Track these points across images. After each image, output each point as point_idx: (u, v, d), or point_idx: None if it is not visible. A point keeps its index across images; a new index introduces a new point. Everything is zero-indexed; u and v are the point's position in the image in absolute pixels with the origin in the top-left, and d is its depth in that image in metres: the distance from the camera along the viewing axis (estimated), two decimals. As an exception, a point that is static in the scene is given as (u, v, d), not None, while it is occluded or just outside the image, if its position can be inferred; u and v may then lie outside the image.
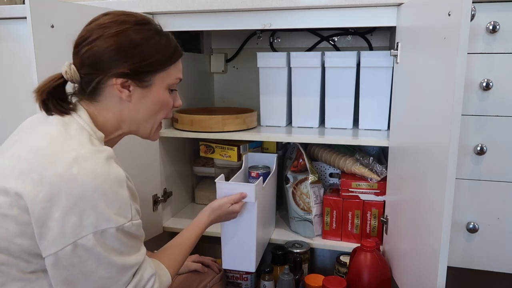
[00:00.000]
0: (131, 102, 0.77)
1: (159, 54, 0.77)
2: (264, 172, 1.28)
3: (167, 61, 0.79)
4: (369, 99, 1.29)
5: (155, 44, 0.77)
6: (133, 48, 0.74)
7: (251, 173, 1.29)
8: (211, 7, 1.16)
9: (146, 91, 0.78)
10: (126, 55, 0.74)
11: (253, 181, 1.26)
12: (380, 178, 1.21)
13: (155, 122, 0.83)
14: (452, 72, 0.73)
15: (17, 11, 1.17)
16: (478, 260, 1.07)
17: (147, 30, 0.77)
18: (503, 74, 0.98)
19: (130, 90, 0.76)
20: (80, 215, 0.63)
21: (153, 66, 0.77)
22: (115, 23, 0.74)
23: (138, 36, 0.75)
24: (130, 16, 0.77)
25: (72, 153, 0.65)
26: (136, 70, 0.75)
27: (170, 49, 0.80)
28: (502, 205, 1.03)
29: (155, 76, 0.78)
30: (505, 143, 1.01)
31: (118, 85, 0.75)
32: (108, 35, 0.73)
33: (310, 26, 1.13)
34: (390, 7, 1.08)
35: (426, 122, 0.87)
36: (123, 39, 0.74)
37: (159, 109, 0.82)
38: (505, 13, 0.96)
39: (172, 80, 0.81)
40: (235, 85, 1.73)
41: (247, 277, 1.31)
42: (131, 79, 0.75)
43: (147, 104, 0.79)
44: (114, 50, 0.73)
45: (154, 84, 0.78)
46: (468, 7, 0.69)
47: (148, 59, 0.76)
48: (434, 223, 0.80)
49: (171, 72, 0.80)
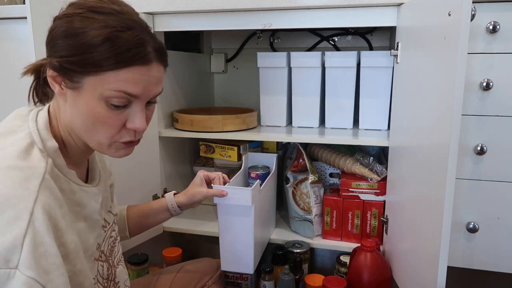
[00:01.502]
0: (67, 102, 0.64)
1: (88, 53, 0.59)
2: (264, 172, 1.28)
3: (100, 65, 0.59)
4: (369, 99, 1.29)
5: (94, 38, 0.59)
6: (67, 37, 0.60)
7: (250, 173, 1.29)
8: (211, 7, 1.16)
9: (76, 94, 0.62)
10: (55, 45, 0.62)
11: (252, 182, 1.26)
12: (380, 178, 1.21)
13: (97, 137, 0.65)
14: (452, 72, 0.73)
15: (17, 11, 1.17)
16: (478, 260, 1.07)
17: (98, 20, 0.60)
18: (503, 74, 0.98)
19: (62, 88, 0.64)
20: None
21: (82, 66, 0.60)
22: (73, 6, 0.63)
23: (79, 25, 0.60)
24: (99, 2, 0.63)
25: None
26: (63, 65, 0.61)
27: (111, 50, 0.59)
28: (502, 205, 1.03)
29: (84, 79, 0.61)
30: (505, 143, 1.01)
31: (49, 77, 0.64)
32: (58, 17, 0.63)
33: (310, 26, 1.13)
34: (390, 7, 1.08)
35: (426, 122, 0.87)
36: (63, 25, 0.61)
37: (94, 122, 0.63)
38: (505, 13, 0.96)
39: (108, 92, 0.61)
40: (235, 85, 1.73)
41: (247, 277, 1.31)
42: (60, 74, 0.62)
43: (79, 111, 0.63)
44: (49, 36, 0.63)
45: (84, 88, 0.61)
46: (468, 7, 0.69)
47: (76, 56, 0.60)
48: (434, 223, 0.80)
49: (107, 80, 0.60)
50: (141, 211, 1.02)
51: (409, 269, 0.98)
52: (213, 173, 1.05)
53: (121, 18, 0.61)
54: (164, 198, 1.02)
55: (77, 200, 0.68)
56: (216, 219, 1.11)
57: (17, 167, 0.58)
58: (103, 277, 0.76)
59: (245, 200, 1.02)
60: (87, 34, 0.59)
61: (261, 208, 1.13)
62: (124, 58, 0.60)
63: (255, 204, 1.04)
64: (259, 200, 1.10)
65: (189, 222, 1.40)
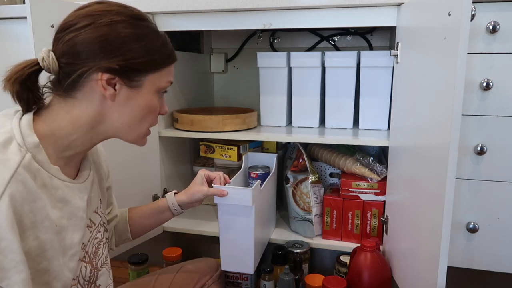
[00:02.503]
0: (115, 102, 0.69)
1: (155, 54, 0.70)
2: (264, 172, 1.27)
3: (162, 63, 0.72)
4: (369, 99, 1.29)
5: (151, 42, 0.70)
6: (127, 42, 0.67)
7: (250, 173, 1.28)
8: (211, 7, 1.16)
9: (134, 92, 0.70)
10: (117, 49, 0.66)
11: (252, 182, 1.25)
12: (380, 178, 1.21)
13: (140, 128, 0.75)
14: (452, 72, 0.73)
15: (17, 11, 1.17)
16: (478, 260, 1.07)
17: (144, 26, 0.70)
18: (503, 74, 0.98)
19: (116, 89, 0.68)
20: None
21: (147, 66, 0.70)
22: (109, 13, 0.67)
23: (135, 31, 0.68)
24: (126, 8, 0.70)
25: None
26: (126, 67, 0.67)
27: (166, 50, 0.73)
28: (502, 205, 1.03)
29: (146, 77, 0.70)
30: (505, 143, 1.01)
31: (103, 80, 0.66)
32: (100, 24, 0.66)
33: (310, 26, 1.13)
34: (390, 7, 1.08)
35: (426, 122, 0.87)
36: (117, 31, 0.66)
37: (146, 114, 0.73)
38: (505, 13, 0.96)
39: (164, 84, 0.74)
40: (235, 85, 1.73)
41: (247, 277, 1.31)
42: (119, 77, 0.67)
43: (133, 107, 0.71)
44: (104, 42, 0.65)
45: (144, 85, 0.71)
46: (468, 7, 0.69)
47: (143, 57, 0.69)
48: (434, 223, 0.80)
49: (163, 75, 0.73)
50: (143, 212, 1.02)
51: (409, 269, 0.98)
52: (214, 172, 1.05)
53: (151, 22, 0.73)
54: (165, 198, 1.02)
55: (60, 196, 0.68)
56: (216, 219, 1.11)
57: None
58: (84, 279, 0.75)
59: (246, 200, 1.02)
60: (149, 39, 0.70)
61: (261, 208, 1.13)
62: (172, 57, 0.75)
63: (256, 204, 1.04)
64: (259, 200, 1.10)
65: (189, 222, 1.40)
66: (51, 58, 0.66)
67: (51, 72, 0.68)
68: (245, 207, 1.03)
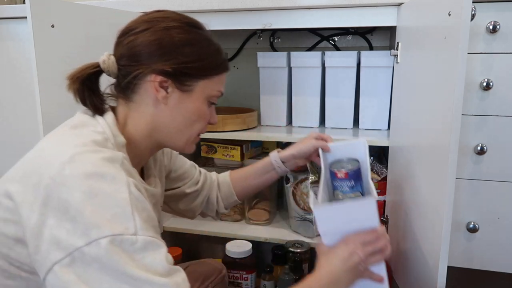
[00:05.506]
0: (167, 105, 0.71)
1: (207, 60, 0.72)
2: (354, 168, 0.87)
3: (214, 70, 0.74)
4: (369, 98, 1.29)
5: (204, 48, 0.72)
6: (180, 46, 0.70)
7: (336, 173, 0.88)
8: (211, 7, 1.16)
9: (185, 96, 0.72)
10: (171, 52, 0.69)
11: (341, 184, 0.88)
12: (380, 178, 1.21)
13: (191, 134, 0.76)
14: (452, 72, 0.73)
15: (17, 11, 1.17)
16: (478, 260, 1.07)
17: (198, 33, 0.72)
18: (503, 74, 0.98)
19: (168, 92, 0.70)
20: (73, 222, 0.55)
21: (198, 71, 0.72)
22: (166, 19, 0.71)
23: (188, 36, 0.71)
24: (182, 16, 0.73)
25: (69, 152, 0.59)
26: (179, 70, 0.69)
27: (219, 58, 0.75)
28: (502, 205, 1.03)
29: (197, 82, 0.72)
30: (505, 143, 1.01)
31: (156, 82, 0.69)
32: (158, 28, 0.69)
33: (310, 26, 1.13)
34: (390, 7, 1.08)
35: (426, 122, 0.87)
36: (172, 35, 0.69)
37: (196, 120, 0.75)
38: (505, 13, 0.96)
39: (214, 92, 0.75)
40: (235, 85, 1.73)
41: (247, 277, 1.31)
42: (171, 80, 0.70)
43: (183, 111, 0.73)
44: (159, 45, 0.68)
45: (195, 91, 0.72)
46: (468, 7, 0.69)
47: (195, 62, 0.71)
48: (434, 223, 0.80)
49: (214, 83, 0.74)
50: (247, 172, 1.04)
51: (409, 269, 0.98)
52: (325, 134, 0.98)
53: (206, 31, 0.75)
54: (268, 156, 1.01)
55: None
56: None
57: (100, 151, 0.61)
58: None
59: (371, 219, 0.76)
60: (202, 44, 0.72)
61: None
62: (224, 65, 0.76)
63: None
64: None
65: (189, 222, 1.40)
66: (111, 61, 0.70)
67: (110, 74, 0.71)
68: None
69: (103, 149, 0.62)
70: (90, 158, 0.59)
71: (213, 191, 1.03)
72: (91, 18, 1.04)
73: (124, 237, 0.55)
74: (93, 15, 1.05)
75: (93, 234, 0.54)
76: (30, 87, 0.93)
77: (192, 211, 1.02)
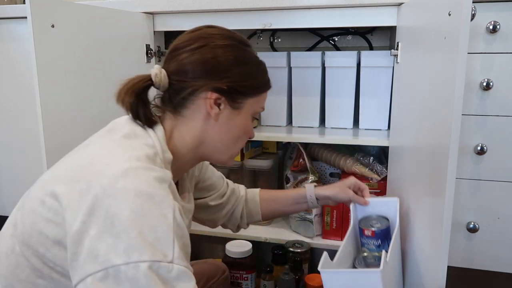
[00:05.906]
0: (217, 122, 0.73)
1: (258, 79, 0.75)
2: (382, 228, 0.91)
3: (261, 88, 0.77)
4: (369, 98, 1.29)
5: (255, 67, 0.75)
6: (234, 65, 0.71)
7: (364, 230, 0.91)
8: (211, 7, 1.16)
9: (235, 113, 0.74)
10: (226, 71, 0.70)
11: (369, 243, 0.91)
12: (381, 178, 1.21)
13: (235, 149, 0.79)
14: (452, 72, 0.73)
15: (17, 11, 1.17)
16: (478, 260, 1.07)
17: (249, 52, 0.75)
18: (503, 74, 0.98)
19: (221, 109, 0.72)
20: (115, 238, 0.54)
21: (249, 89, 0.74)
22: (221, 36, 0.72)
23: (241, 55, 0.73)
24: (232, 33, 0.74)
25: (123, 166, 0.58)
26: (233, 88, 0.71)
27: (265, 77, 0.77)
28: (502, 205, 1.03)
29: (247, 100, 0.74)
30: (505, 143, 1.01)
31: (211, 99, 0.70)
32: (216, 46, 0.70)
33: (310, 26, 1.13)
34: (390, 7, 1.08)
35: (426, 122, 0.87)
36: (231, 53, 0.71)
37: (241, 135, 0.77)
38: (505, 13, 0.96)
39: (259, 109, 0.78)
40: (235, 85, 1.73)
41: (247, 277, 1.31)
42: (225, 97, 0.71)
43: (233, 128, 0.75)
44: (216, 63, 0.70)
45: (244, 108, 0.74)
46: (468, 7, 0.69)
47: (247, 81, 0.73)
48: (434, 223, 0.80)
49: (260, 100, 0.77)
50: (277, 197, 1.04)
51: (409, 269, 0.98)
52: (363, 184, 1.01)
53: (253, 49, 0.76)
54: (304, 188, 1.01)
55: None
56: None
57: (152, 169, 0.61)
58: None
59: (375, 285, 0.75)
60: (253, 63, 0.75)
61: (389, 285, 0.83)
62: (269, 83, 0.78)
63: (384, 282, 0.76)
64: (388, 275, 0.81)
65: (189, 222, 1.40)
66: (163, 75, 0.69)
67: (159, 88, 0.71)
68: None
69: (155, 167, 0.62)
70: (144, 176, 0.58)
71: (239, 206, 1.02)
72: (92, 18, 1.04)
73: (162, 264, 0.54)
74: (93, 15, 1.05)
75: (134, 256, 0.54)
76: (30, 87, 0.93)
77: (213, 221, 1.02)
